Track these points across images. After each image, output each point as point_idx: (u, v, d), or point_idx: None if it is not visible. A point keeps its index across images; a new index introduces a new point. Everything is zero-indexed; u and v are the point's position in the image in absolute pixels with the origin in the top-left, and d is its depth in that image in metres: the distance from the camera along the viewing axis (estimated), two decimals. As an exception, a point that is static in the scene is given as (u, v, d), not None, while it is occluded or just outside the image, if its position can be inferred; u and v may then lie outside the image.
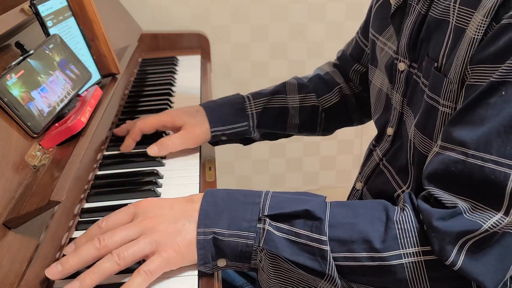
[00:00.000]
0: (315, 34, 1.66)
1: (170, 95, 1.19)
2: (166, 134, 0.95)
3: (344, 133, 1.84)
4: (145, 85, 1.25)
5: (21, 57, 0.70)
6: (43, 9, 0.77)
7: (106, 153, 0.92)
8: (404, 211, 0.60)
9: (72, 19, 0.85)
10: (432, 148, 0.65)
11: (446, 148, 0.59)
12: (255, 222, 0.60)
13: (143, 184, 0.82)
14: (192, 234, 0.60)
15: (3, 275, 0.53)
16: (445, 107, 0.63)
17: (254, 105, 0.95)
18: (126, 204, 0.74)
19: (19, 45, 0.72)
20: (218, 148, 0.99)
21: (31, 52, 0.71)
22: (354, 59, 1.00)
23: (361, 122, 1.05)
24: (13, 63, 0.68)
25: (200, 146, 0.95)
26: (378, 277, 0.60)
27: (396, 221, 0.59)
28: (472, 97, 0.57)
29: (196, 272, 0.63)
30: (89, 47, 0.88)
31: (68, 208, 0.71)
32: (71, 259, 0.58)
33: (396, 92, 0.76)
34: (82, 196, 0.78)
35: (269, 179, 1.86)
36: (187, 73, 1.36)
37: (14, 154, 0.63)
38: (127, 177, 0.84)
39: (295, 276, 0.62)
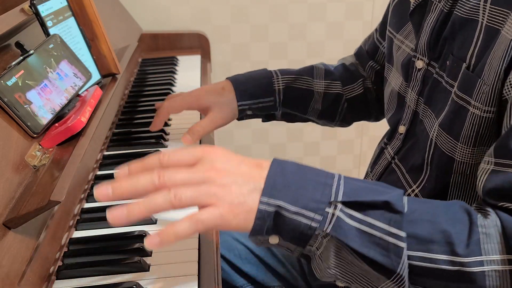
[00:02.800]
0: (315, 34, 1.66)
1: (170, 95, 1.19)
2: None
3: (344, 133, 1.84)
4: (145, 85, 1.25)
5: (21, 57, 0.70)
6: (43, 9, 0.77)
7: (106, 153, 0.92)
8: (489, 216, 0.55)
9: (72, 19, 0.85)
10: (457, 149, 0.64)
11: (508, 165, 0.56)
12: (324, 205, 0.54)
13: (143, 184, 0.82)
14: (254, 202, 0.55)
15: (3, 275, 0.53)
16: (475, 109, 0.62)
17: (282, 81, 0.94)
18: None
19: (19, 45, 0.72)
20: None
21: (31, 52, 0.71)
22: (370, 56, 1.00)
23: (377, 119, 1.05)
24: (13, 63, 0.68)
25: (200, 143, 0.95)
26: (453, 283, 0.55)
27: (480, 225, 0.54)
28: None
29: (196, 272, 0.63)
30: (89, 47, 0.88)
31: (68, 208, 0.71)
32: (124, 185, 0.54)
33: (412, 90, 0.76)
34: (82, 196, 0.78)
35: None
36: (187, 73, 1.36)
37: (14, 154, 0.63)
38: (127, 177, 0.84)
39: (358, 271, 0.56)
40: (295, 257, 0.59)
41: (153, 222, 0.72)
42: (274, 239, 0.56)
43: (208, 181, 0.55)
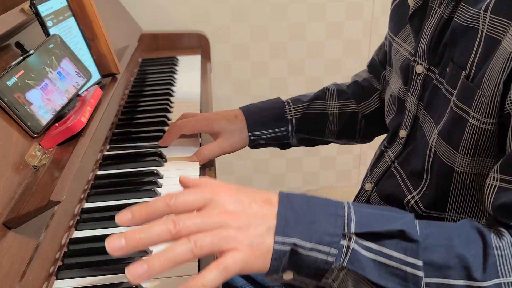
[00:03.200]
0: (315, 34, 1.66)
1: (170, 95, 1.19)
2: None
3: (344, 133, 1.84)
4: (145, 85, 1.25)
5: (21, 57, 0.70)
6: (43, 9, 0.77)
7: (106, 153, 0.92)
8: (504, 237, 0.55)
9: (72, 19, 0.85)
10: (457, 159, 0.64)
11: None
12: (339, 238, 0.53)
13: (143, 184, 0.82)
14: (270, 242, 0.53)
15: (3, 275, 0.52)
16: (474, 120, 0.61)
17: (294, 110, 0.94)
18: (126, 205, 0.75)
19: (19, 45, 0.72)
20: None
21: (31, 52, 0.71)
22: (383, 66, 0.98)
23: None
24: (13, 63, 0.68)
25: (201, 145, 0.95)
26: None
27: (496, 247, 0.54)
28: None
29: (196, 272, 0.63)
30: (89, 47, 0.88)
31: (68, 208, 0.71)
32: (138, 235, 0.51)
33: (411, 95, 0.75)
34: (82, 196, 0.78)
35: (269, 179, 1.86)
36: (187, 73, 1.36)
37: (14, 154, 0.63)
38: (127, 177, 0.84)
39: None
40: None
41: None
42: (288, 275, 0.55)
43: (225, 226, 0.53)
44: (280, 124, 0.93)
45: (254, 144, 0.94)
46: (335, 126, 0.97)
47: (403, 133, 0.78)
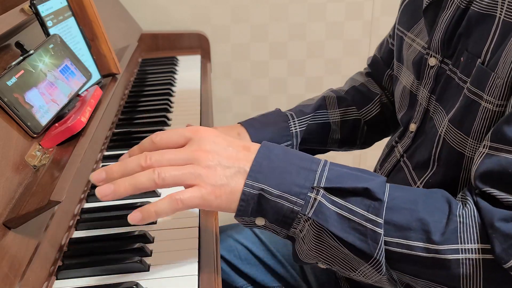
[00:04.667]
0: (315, 34, 1.66)
1: (170, 95, 1.19)
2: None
3: (344, 133, 1.84)
4: (145, 85, 1.25)
5: (21, 57, 0.70)
6: (43, 9, 0.77)
7: (106, 153, 0.92)
8: (467, 205, 0.57)
9: (72, 19, 0.85)
10: (468, 145, 0.64)
11: (500, 150, 0.57)
12: (307, 190, 0.57)
13: (143, 184, 0.82)
14: (239, 184, 0.57)
15: (3, 275, 0.52)
16: (487, 103, 0.61)
17: (298, 122, 0.93)
18: (126, 204, 0.75)
19: (19, 45, 0.72)
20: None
21: (31, 52, 0.71)
22: (386, 63, 0.98)
23: (396, 128, 1.02)
24: (13, 63, 0.68)
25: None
26: (428, 269, 0.57)
27: (458, 215, 0.56)
28: None
29: (196, 272, 0.63)
30: (89, 47, 0.88)
31: (68, 208, 0.71)
32: (115, 168, 0.57)
33: (424, 88, 0.75)
34: (82, 196, 0.78)
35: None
36: (187, 73, 1.36)
37: (14, 154, 0.63)
38: (127, 177, 0.84)
39: (338, 254, 0.59)
40: (282, 238, 0.62)
41: (154, 222, 0.72)
42: (260, 221, 0.59)
43: (194, 162, 0.57)
44: (285, 139, 0.92)
45: None
46: (337, 135, 0.96)
47: (413, 126, 0.78)
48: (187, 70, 1.38)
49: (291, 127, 0.93)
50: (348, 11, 1.65)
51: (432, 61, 0.73)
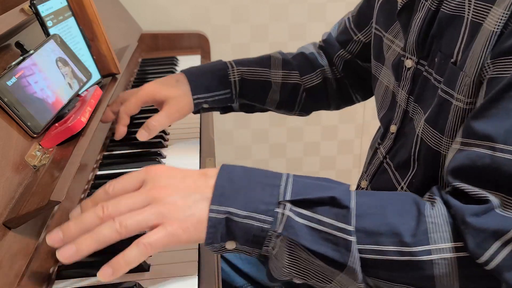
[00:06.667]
0: (315, 34, 1.66)
1: (170, 95, 1.19)
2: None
3: (344, 133, 1.84)
4: (145, 85, 1.25)
5: (21, 57, 0.70)
6: (43, 9, 0.77)
7: (106, 153, 0.92)
8: (435, 205, 0.57)
9: (72, 19, 0.85)
10: (443, 143, 0.64)
11: (470, 144, 0.57)
12: (274, 206, 0.56)
13: (143, 184, 0.82)
14: (203, 212, 0.55)
15: (3, 275, 0.53)
16: (458, 101, 0.62)
17: (238, 72, 0.93)
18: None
19: (19, 45, 0.72)
20: (219, 150, 0.99)
21: (31, 52, 0.71)
22: (341, 45, 0.99)
23: (338, 107, 1.05)
24: (13, 63, 0.68)
25: (200, 143, 0.95)
26: (404, 273, 0.57)
27: (427, 215, 0.56)
28: (496, 90, 0.55)
29: (196, 272, 0.63)
30: (89, 47, 0.88)
31: (68, 208, 0.71)
32: (72, 226, 0.54)
33: (402, 90, 0.76)
34: (82, 196, 0.78)
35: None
36: (187, 73, 1.35)
37: (14, 154, 0.63)
38: (127, 177, 0.84)
39: (312, 267, 0.58)
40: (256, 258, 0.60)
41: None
42: (231, 245, 0.57)
43: (153, 202, 0.55)
44: (224, 87, 0.92)
45: (197, 108, 0.91)
46: (276, 96, 0.97)
47: (393, 128, 0.78)
48: (187, 70, 1.38)
49: (230, 76, 0.93)
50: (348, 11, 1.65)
51: (408, 63, 0.74)
